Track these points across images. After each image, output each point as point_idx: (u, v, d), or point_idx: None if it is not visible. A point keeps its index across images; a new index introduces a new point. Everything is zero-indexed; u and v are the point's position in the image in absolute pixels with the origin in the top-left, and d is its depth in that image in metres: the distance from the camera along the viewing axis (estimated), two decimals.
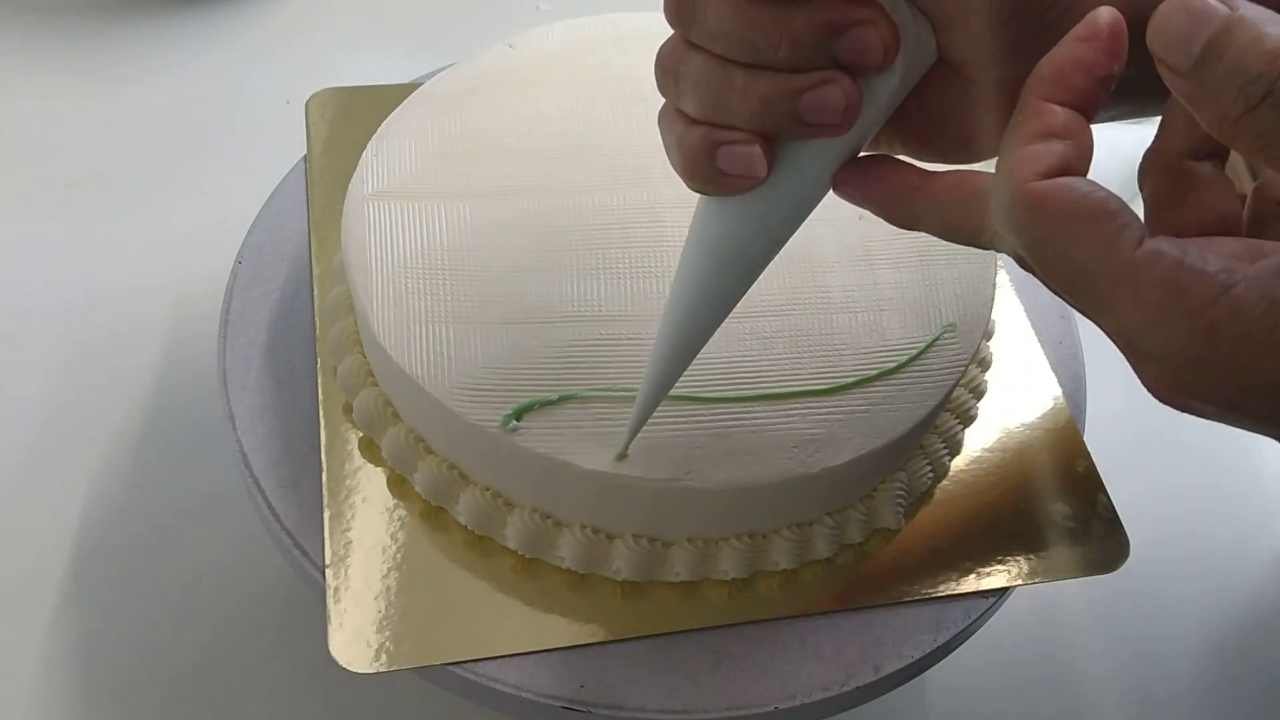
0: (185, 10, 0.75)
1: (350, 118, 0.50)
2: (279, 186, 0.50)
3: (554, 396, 0.37)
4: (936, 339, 0.41)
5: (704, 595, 0.39)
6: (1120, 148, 0.68)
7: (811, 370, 0.39)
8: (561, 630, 0.38)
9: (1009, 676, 0.51)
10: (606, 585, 0.39)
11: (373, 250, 0.41)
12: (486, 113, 0.45)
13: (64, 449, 0.54)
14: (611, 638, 0.38)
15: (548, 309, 0.39)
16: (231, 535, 0.51)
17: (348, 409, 0.42)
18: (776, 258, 0.33)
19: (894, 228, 0.44)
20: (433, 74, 0.50)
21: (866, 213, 0.36)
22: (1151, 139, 0.29)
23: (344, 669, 0.36)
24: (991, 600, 0.40)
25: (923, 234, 0.44)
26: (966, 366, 0.41)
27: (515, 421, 0.37)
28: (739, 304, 0.35)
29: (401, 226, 0.41)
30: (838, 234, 0.43)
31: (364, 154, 0.44)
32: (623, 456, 0.36)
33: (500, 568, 0.39)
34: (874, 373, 0.39)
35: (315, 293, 0.45)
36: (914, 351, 0.40)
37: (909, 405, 0.39)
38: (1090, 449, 0.44)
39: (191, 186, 0.66)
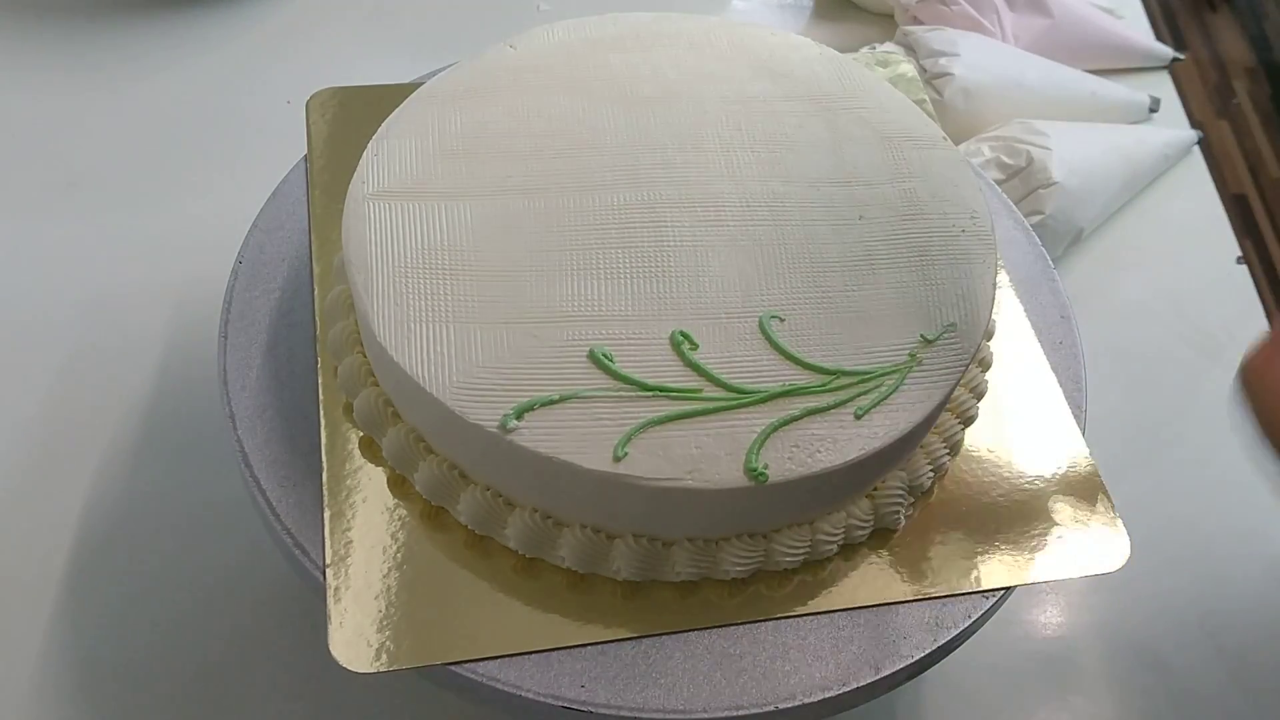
0: (185, 10, 0.75)
1: (350, 118, 0.50)
2: (279, 186, 0.50)
3: (554, 396, 0.37)
4: (936, 339, 0.41)
5: (704, 595, 0.39)
6: (1120, 147, 0.69)
7: (812, 370, 0.39)
8: (561, 630, 0.38)
9: (1009, 676, 0.51)
10: (607, 585, 0.39)
11: (373, 250, 0.40)
12: (487, 113, 0.45)
13: (64, 449, 0.54)
14: (611, 638, 0.38)
15: (548, 309, 0.39)
16: (232, 535, 0.51)
17: (348, 409, 0.42)
18: (777, 257, 0.33)
19: (894, 228, 0.44)
20: (433, 74, 0.50)
21: (866, 213, 0.36)
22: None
23: (344, 668, 0.36)
24: (991, 600, 0.40)
25: (922, 234, 0.44)
26: (966, 366, 0.41)
27: (515, 421, 0.36)
28: (740, 303, 0.35)
29: (402, 226, 0.41)
30: (838, 234, 0.43)
31: (364, 154, 0.44)
32: None
33: (500, 567, 0.39)
34: (875, 371, 0.39)
35: (315, 292, 0.45)
36: (914, 351, 0.40)
37: (909, 405, 0.39)
38: (1090, 449, 0.44)
39: (192, 186, 0.66)
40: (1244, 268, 0.68)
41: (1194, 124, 0.76)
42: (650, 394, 0.38)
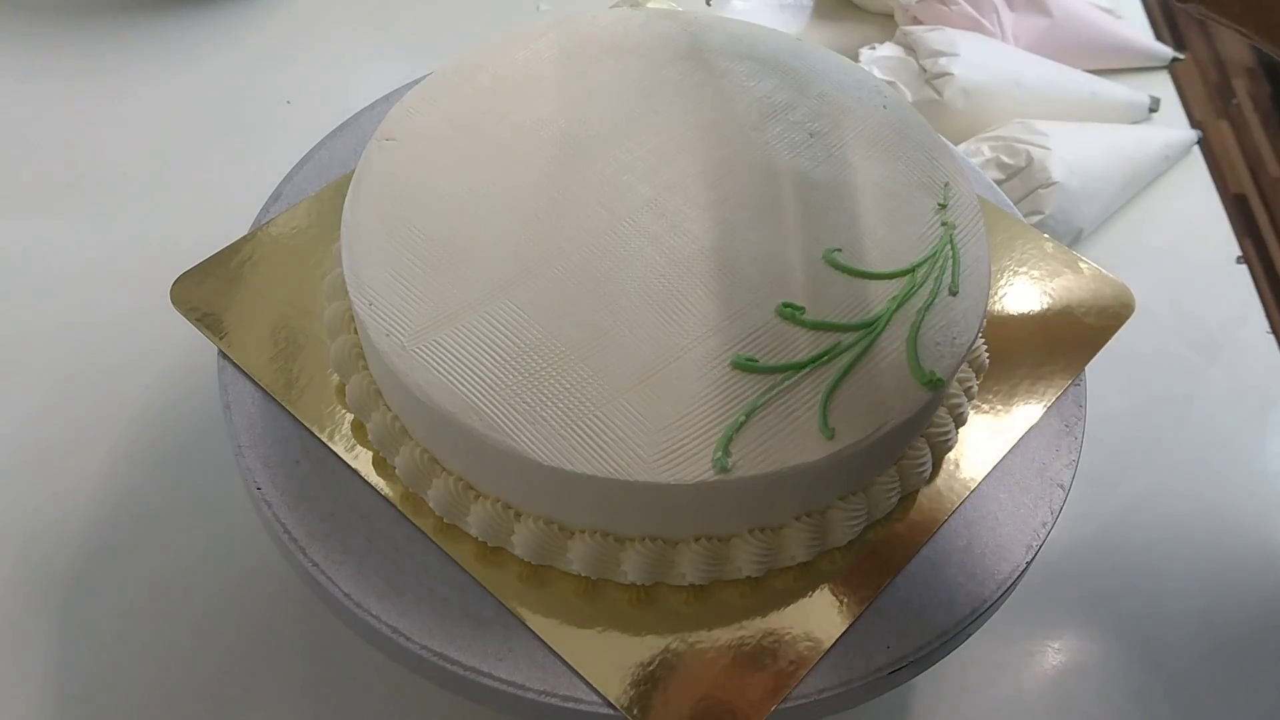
0: (185, 10, 0.75)
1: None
2: (279, 187, 0.50)
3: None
4: (947, 201, 0.43)
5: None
6: (1120, 147, 0.69)
7: (897, 276, 0.41)
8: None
9: (1008, 677, 0.51)
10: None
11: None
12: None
13: (62, 448, 0.54)
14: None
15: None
16: (231, 535, 0.51)
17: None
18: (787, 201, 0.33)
19: (840, 129, 0.45)
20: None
21: (811, 129, 0.34)
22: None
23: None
24: (991, 600, 0.40)
25: (860, 123, 0.45)
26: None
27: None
28: (800, 250, 0.35)
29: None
30: (810, 157, 0.45)
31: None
32: None
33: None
34: (933, 254, 0.41)
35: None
36: (943, 220, 0.42)
37: (981, 258, 0.41)
38: (1090, 449, 0.44)
39: (192, 186, 0.66)
40: (1244, 268, 0.68)
41: (1194, 124, 0.76)
42: None
